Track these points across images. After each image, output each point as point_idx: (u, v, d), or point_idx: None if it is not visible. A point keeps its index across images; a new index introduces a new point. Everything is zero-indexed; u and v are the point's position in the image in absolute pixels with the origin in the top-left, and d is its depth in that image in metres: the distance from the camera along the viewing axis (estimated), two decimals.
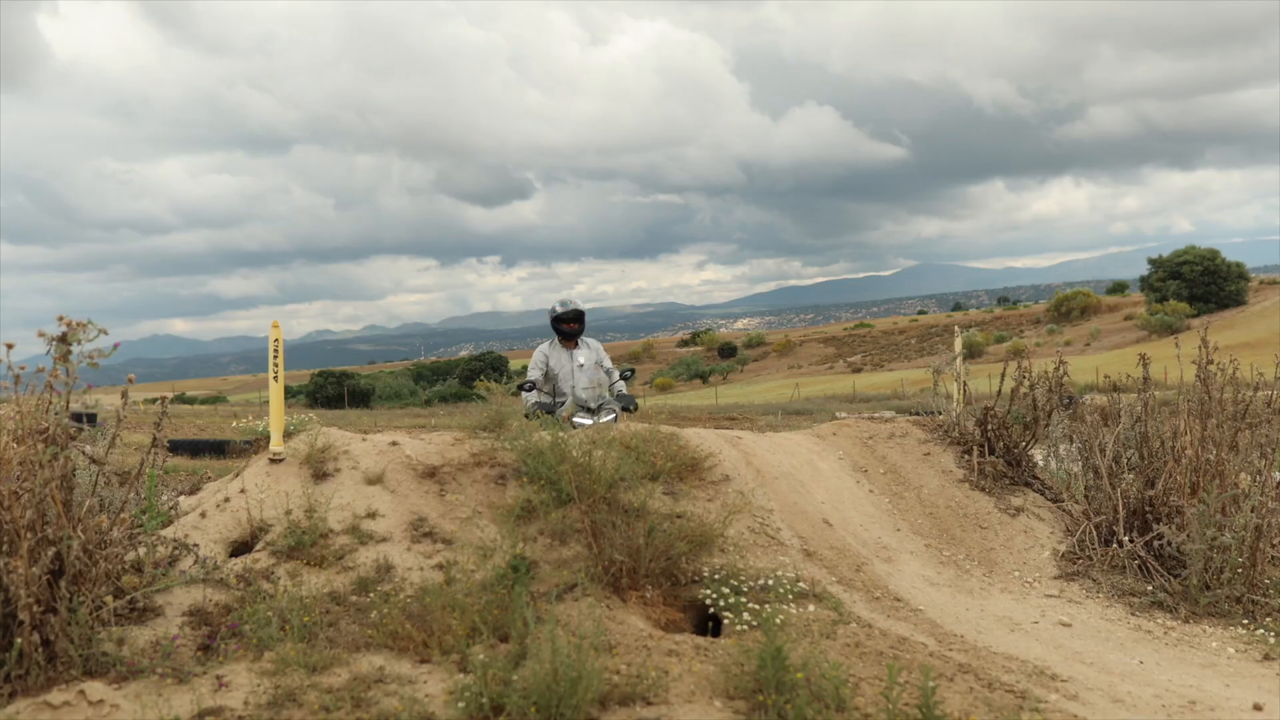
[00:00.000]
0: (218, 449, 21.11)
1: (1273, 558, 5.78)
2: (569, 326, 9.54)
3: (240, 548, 5.14)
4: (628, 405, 9.14)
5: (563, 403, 9.15)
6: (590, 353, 9.59)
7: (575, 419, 8.63)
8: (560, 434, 5.57)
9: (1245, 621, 5.20)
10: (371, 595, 4.72)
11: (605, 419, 8.60)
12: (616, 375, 9.45)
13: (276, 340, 5.60)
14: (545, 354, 9.64)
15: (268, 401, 5.72)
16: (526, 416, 8.92)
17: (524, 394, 9.23)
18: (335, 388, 69.29)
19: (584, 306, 9.62)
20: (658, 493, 5.41)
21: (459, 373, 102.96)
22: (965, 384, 7.21)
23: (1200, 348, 6.01)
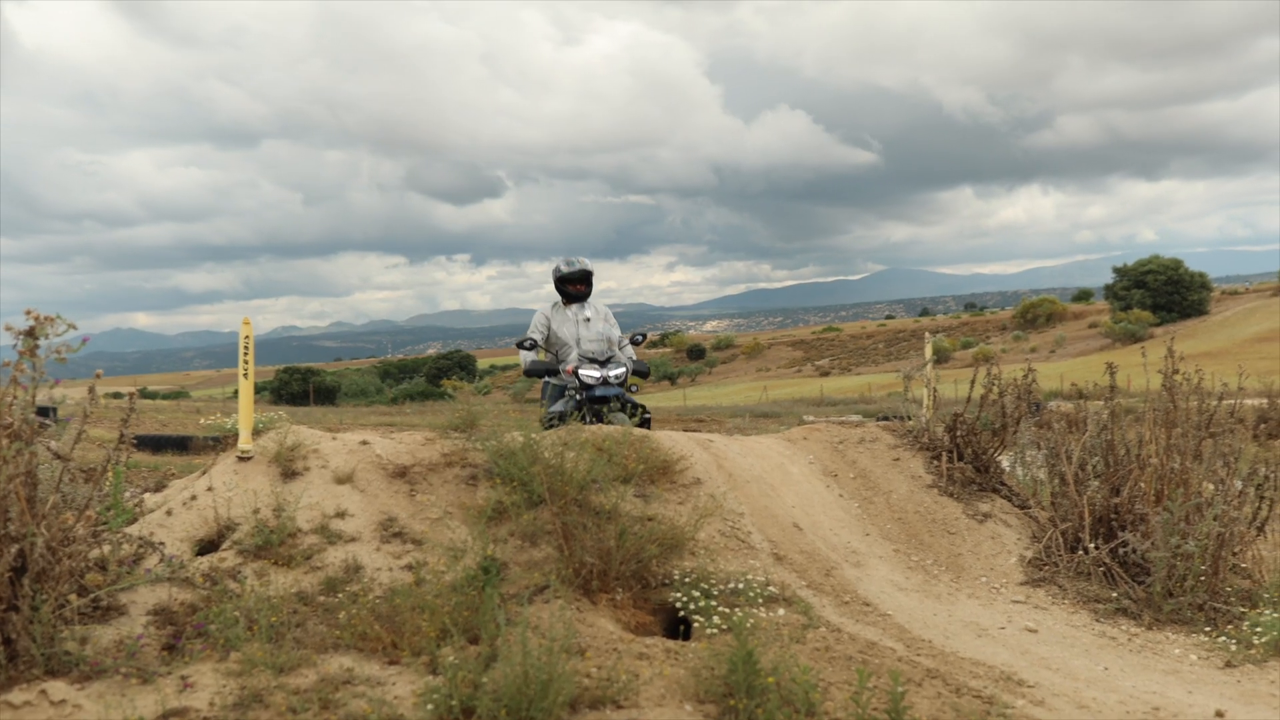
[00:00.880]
0: (180, 445, 20.92)
1: (1234, 566, 5.84)
2: (575, 288, 8.96)
3: (207, 546, 5.09)
4: (640, 369, 8.62)
5: (561, 364, 8.62)
6: (597, 311, 9.00)
7: (581, 371, 8.26)
8: (532, 435, 5.54)
9: (1208, 629, 5.25)
10: (340, 595, 4.69)
11: (614, 372, 8.28)
12: (626, 341, 8.87)
13: (247, 337, 5.55)
14: (546, 315, 9.04)
15: (232, 397, 5.67)
16: (527, 374, 8.66)
17: (522, 352, 8.79)
18: (301, 384, 68.88)
19: (592, 266, 8.99)
20: (629, 495, 5.40)
21: (426, 371, 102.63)
22: (935, 390, 7.24)
23: (1166, 358, 6.07)
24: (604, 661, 4.16)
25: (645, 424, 7.88)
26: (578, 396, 8.23)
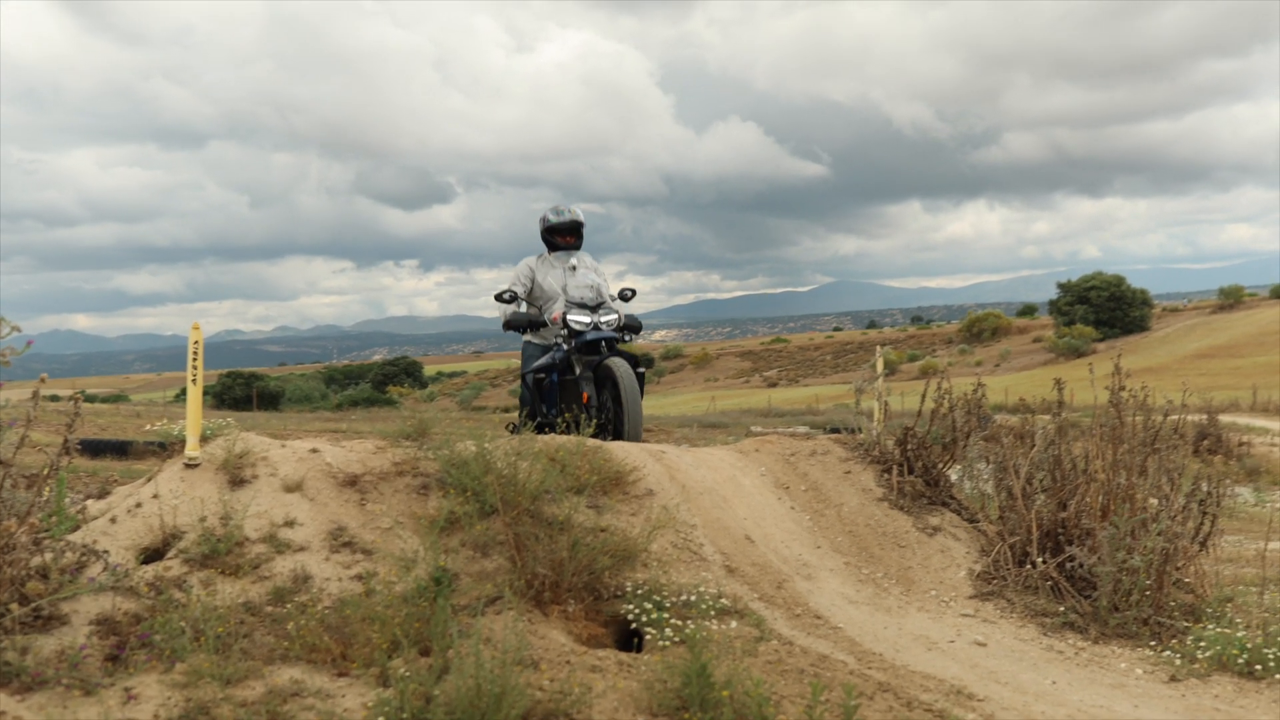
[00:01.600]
0: (120, 450, 20.59)
1: (1177, 581, 5.92)
2: (565, 240, 8.46)
3: (152, 555, 5.00)
4: (633, 323, 8.10)
5: (547, 313, 8.14)
6: (585, 261, 8.46)
7: (570, 316, 7.78)
8: (486, 445, 5.50)
9: (1153, 643, 5.32)
10: (288, 606, 4.62)
11: (607, 317, 7.85)
12: (615, 296, 8.40)
13: (196, 342, 5.47)
14: (531, 266, 8.46)
15: (173, 402, 5.59)
16: (506, 328, 8.21)
17: (502, 305, 8.23)
18: (244, 389, 68.03)
19: (584, 216, 8.49)
20: (582, 506, 5.38)
21: (372, 377, 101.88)
22: (886, 403, 7.29)
23: (1114, 374, 6.15)
24: (557, 674, 4.14)
25: (642, 379, 7.63)
26: (565, 346, 7.79)
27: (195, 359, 5.50)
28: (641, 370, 7.74)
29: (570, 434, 7.59)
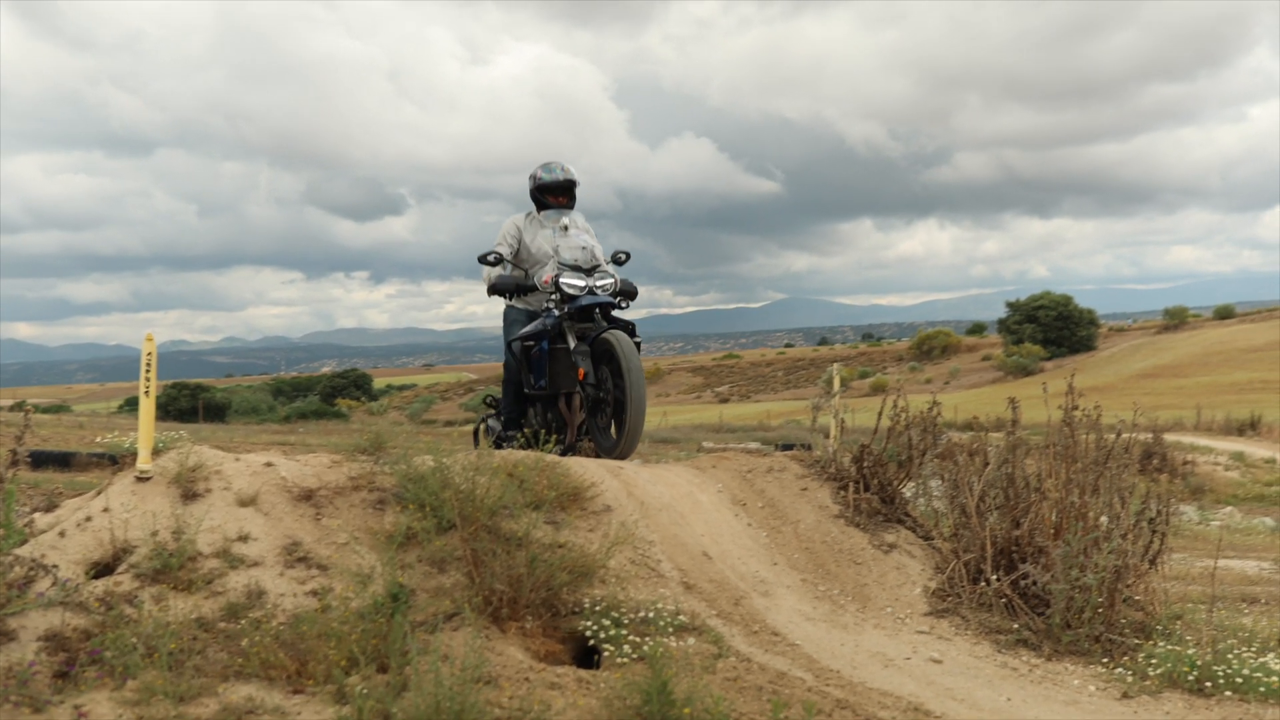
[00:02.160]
0: (62, 461, 20.23)
1: (1127, 598, 5.99)
2: (556, 200, 7.88)
3: (102, 570, 4.91)
4: (628, 288, 7.49)
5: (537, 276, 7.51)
6: (576, 222, 7.82)
7: (563, 279, 7.20)
8: (444, 460, 5.47)
9: (1105, 660, 5.37)
10: (242, 622, 4.56)
11: (602, 281, 7.28)
12: (606, 257, 7.74)
13: (150, 354, 5.39)
14: (518, 225, 7.86)
15: (116, 413, 5.49)
16: (491, 293, 7.65)
17: (485, 268, 7.72)
18: (189, 400, 67.09)
19: (578, 175, 7.93)
20: (540, 522, 5.36)
21: (321, 389, 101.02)
22: (843, 421, 7.33)
23: (1068, 393, 6.22)
24: (516, 691, 4.12)
25: (637, 347, 7.11)
26: (557, 311, 7.23)
27: (149, 371, 5.42)
28: (638, 340, 7.24)
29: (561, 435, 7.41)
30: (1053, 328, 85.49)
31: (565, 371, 7.24)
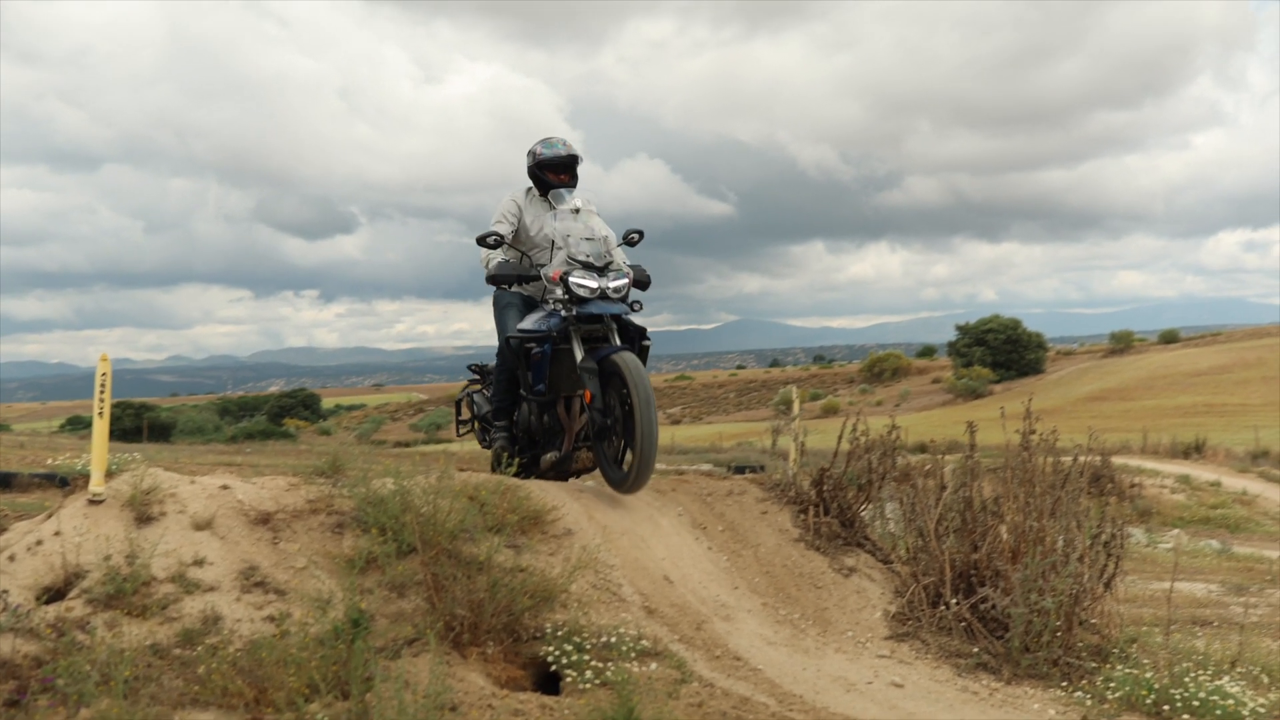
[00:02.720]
0: (3, 482, 19.83)
1: (1083, 622, 6.03)
2: (557, 178, 7.14)
3: (53, 595, 4.81)
4: (640, 278, 6.81)
5: (542, 268, 6.78)
6: (587, 202, 7.02)
7: (573, 278, 6.42)
8: (404, 483, 5.40)
9: (1064, 684, 5.41)
10: (199, 648, 4.47)
11: (615, 283, 6.51)
12: (617, 241, 7.02)
13: (105, 374, 5.30)
14: (518, 202, 7.17)
15: (56, 432, 5.38)
16: (491, 281, 6.89)
17: (484, 251, 7.01)
18: (134, 419, 66.07)
19: (580, 151, 7.20)
20: (501, 546, 5.31)
21: (268, 409, 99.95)
22: (803, 444, 7.34)
23: (1025, 417, 6.27)
24: (479, 718, 4.07)
25: (644, 353, 6.64)
26: (563, 313, 6.49)
27: (103, 391, 5.33)
28: (647, 343, 6.71)
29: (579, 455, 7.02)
30: (1002, 351, 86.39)
31: (567, 376, 6.63)
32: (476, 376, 8.07)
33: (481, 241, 6.84)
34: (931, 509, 6.31)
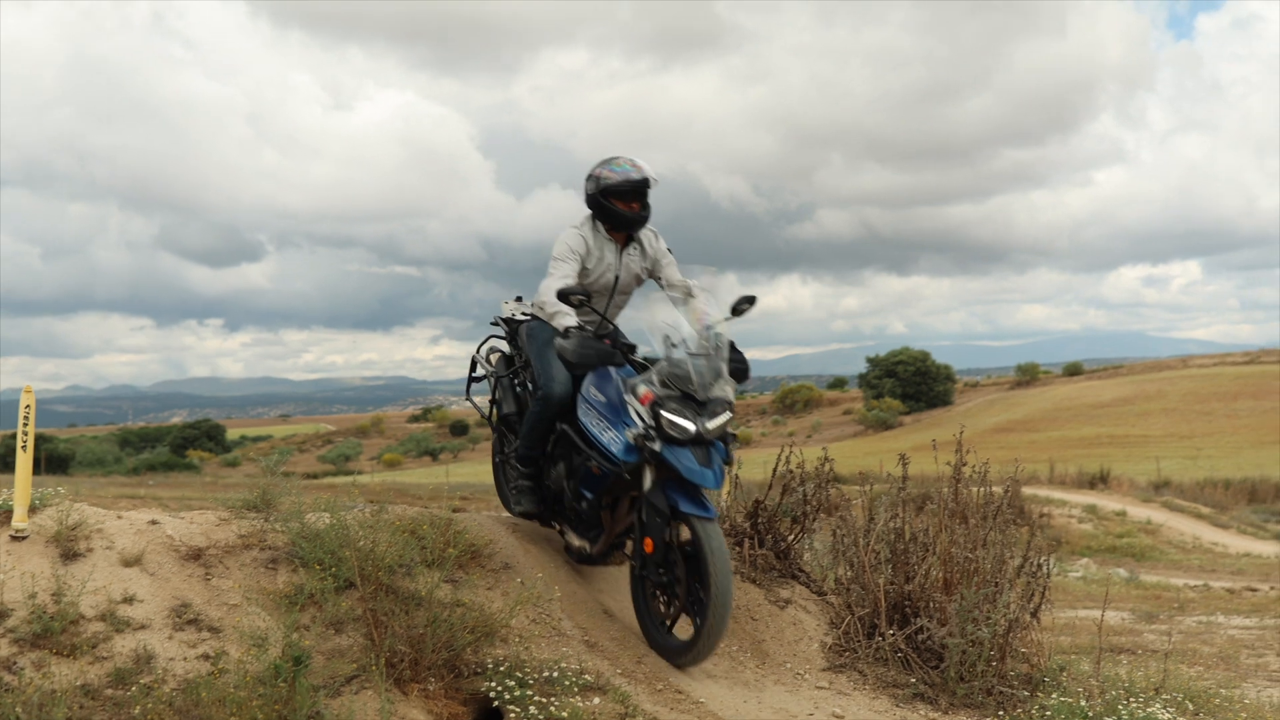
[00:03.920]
0: None
1: (1014, 650, 6.12)
2: (628, 208, 5.83)
3: None
4: (739, 364, 5.55)
5: (611, 330, 5.80)
6: (661, 250, 6.03)
7: (666, 414, 5.14)
8: (341, 515, 5.31)
9: (999, 713, 5.48)
10: (132, 689, 4.34)
11: (716, 422, 5.24)
12: (725, 314, 5.61)
13: (28, 406, 5.15)
14: (584, 237, 5.89)
15: None
16: (575, 361, 5.51)
17: (560, 314, 5.57)
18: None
19: (653, 172, 5.85)
20: (440, 581, 5.24)
21: (171, 440, 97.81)
22: (738, 478, 7.35)
23: (956, 450, 6.37)
24: None
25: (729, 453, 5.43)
26: (648, 443, 5.17)
27: (26, 424, 5.17)
28: (727, 463, 5.43)
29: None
30: (911, 383, 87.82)
31: (625, 487, 5.53)
32: (503, 335, 6.64)
33: (565, 297, 5.41)
34: (862, 541, 6.37)
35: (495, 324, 6.68)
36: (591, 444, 5.48)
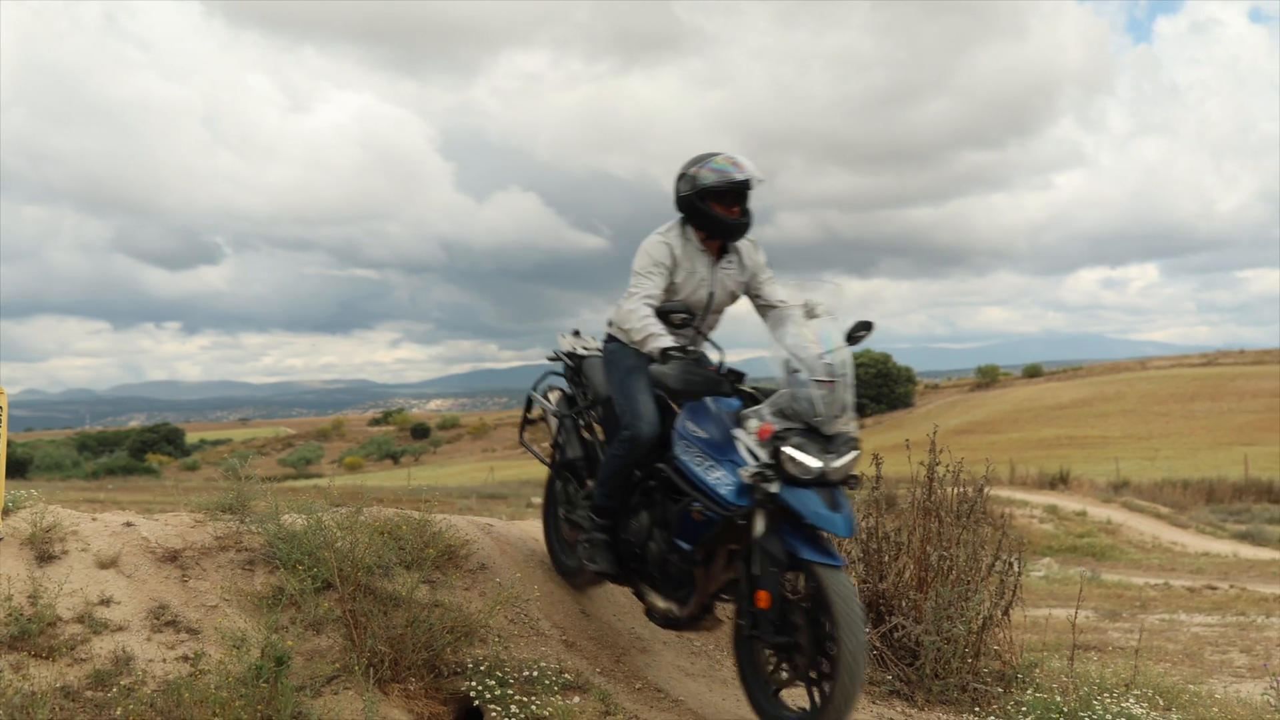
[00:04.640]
0: None
1: (986, 648, 6.19)
2: (728, 212, 5.11)
3: None
4: (862, 401, 4.76)
5: (697, 353, 5.03)
6: (761, 260, 5.40)
7: (788, 450, 4.49)
8: (319, 516, 5.29)
9: (975, 709, 5.54)
10: (112, 690, 4.32)
11: (842, 461, 4.58)
12: (841, 339, 4.80)
13: (1, 409, 5.09)
14: (670, 246, 5.15)
15: None
16: (676, 390, 4.89)
17: (653, 333, 4.84)
18: None
19: (756, 171, 5.05)
20: (418, 581, 5.24)
21: (129, 444, 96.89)
22: None
23: (930, 450, 6.43)
24: None
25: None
26: (764, 483, 4.51)
27: None
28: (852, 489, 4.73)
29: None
30: (872, 385, 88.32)
31: (731, 537, 4.81)
32: (561, 371, 6.10)
33: (665, 316, 4.87)
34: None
35: (554, 359, 6.11)
36: (695, 486, 4.75)
